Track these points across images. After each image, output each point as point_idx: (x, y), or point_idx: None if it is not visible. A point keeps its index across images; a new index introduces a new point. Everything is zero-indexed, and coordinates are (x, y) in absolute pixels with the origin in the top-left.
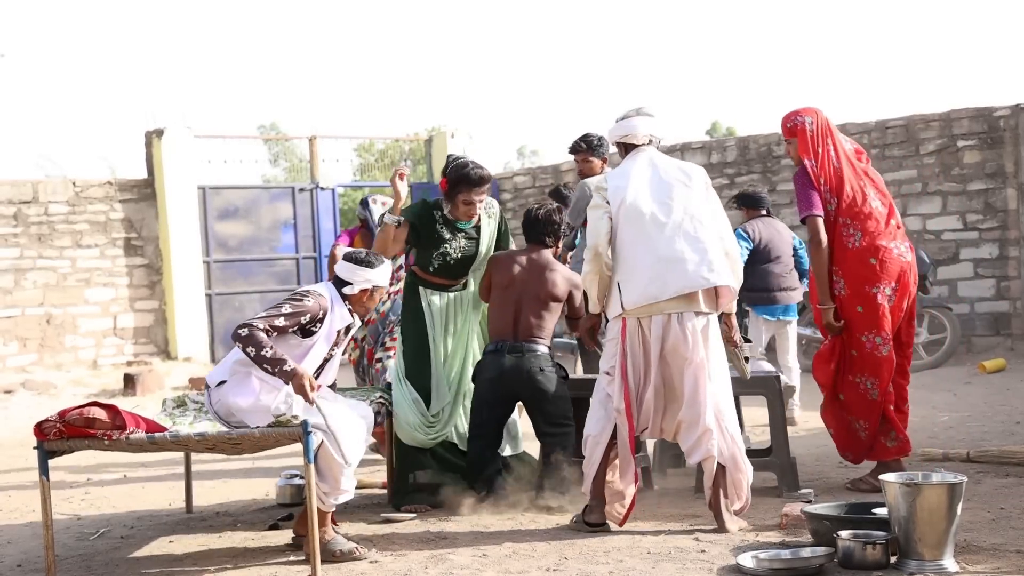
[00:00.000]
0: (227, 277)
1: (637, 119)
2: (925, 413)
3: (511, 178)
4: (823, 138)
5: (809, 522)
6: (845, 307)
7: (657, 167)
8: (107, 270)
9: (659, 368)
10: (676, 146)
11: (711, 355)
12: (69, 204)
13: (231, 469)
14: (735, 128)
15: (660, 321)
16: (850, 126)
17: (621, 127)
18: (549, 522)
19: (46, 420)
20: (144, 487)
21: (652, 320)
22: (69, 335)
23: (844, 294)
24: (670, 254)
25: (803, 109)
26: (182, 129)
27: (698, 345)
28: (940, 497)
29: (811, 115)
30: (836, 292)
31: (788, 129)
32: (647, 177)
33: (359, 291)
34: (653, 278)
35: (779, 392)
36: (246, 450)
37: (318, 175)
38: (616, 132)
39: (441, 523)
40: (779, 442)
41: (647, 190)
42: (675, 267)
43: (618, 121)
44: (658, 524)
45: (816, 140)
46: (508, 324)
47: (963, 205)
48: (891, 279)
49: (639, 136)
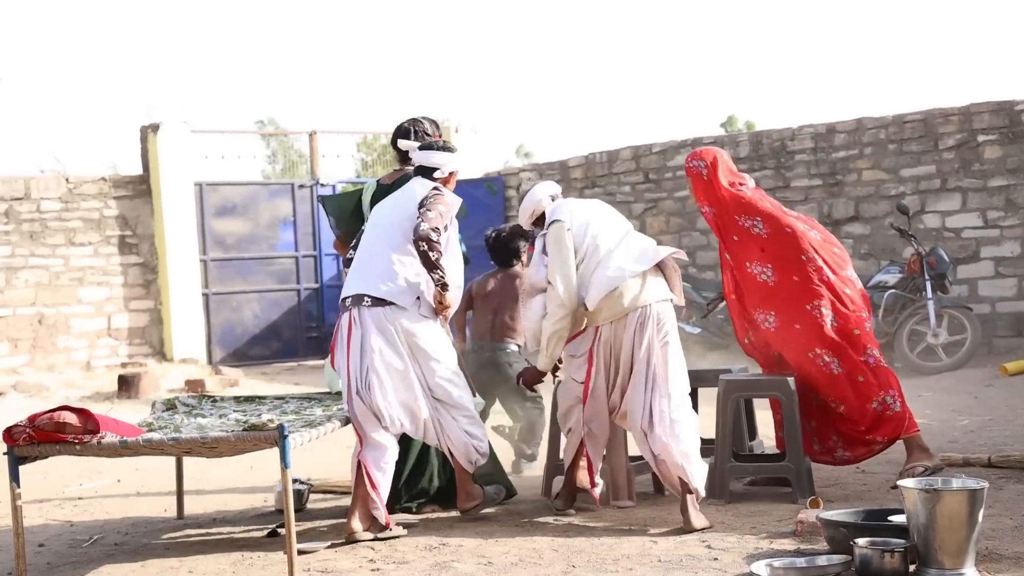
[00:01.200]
0: (224, 276)
1: (537, 190)
2: (945, 417)
3: (517, 174)
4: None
5: (825, 529)
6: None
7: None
8: (101, 269)
9: (629, 365)
10: (687, 141)
11: (656, 350)
12: (62, 201)
13: (228, 474)
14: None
15: (633, 316)
16: (867, 120)
17: (528, 203)
18: (557, 529)
19: (16, 425)
20: (139, 492)
21: (627, 318)
22: (62, 336)
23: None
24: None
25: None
26: (178, 124)
27: (646, 343)
28: (961, 503)
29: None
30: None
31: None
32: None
33: (448, 173)
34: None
35: (793, 393)
36: (224, 453)
37: (318, 171)
38: (524, 213)
39: (446, 529)
40: (793, 446)
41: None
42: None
43: (525, 199)
44: (669, 531)
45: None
46: (487, 327)
47: (983, 202)
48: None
49: (539, 211)
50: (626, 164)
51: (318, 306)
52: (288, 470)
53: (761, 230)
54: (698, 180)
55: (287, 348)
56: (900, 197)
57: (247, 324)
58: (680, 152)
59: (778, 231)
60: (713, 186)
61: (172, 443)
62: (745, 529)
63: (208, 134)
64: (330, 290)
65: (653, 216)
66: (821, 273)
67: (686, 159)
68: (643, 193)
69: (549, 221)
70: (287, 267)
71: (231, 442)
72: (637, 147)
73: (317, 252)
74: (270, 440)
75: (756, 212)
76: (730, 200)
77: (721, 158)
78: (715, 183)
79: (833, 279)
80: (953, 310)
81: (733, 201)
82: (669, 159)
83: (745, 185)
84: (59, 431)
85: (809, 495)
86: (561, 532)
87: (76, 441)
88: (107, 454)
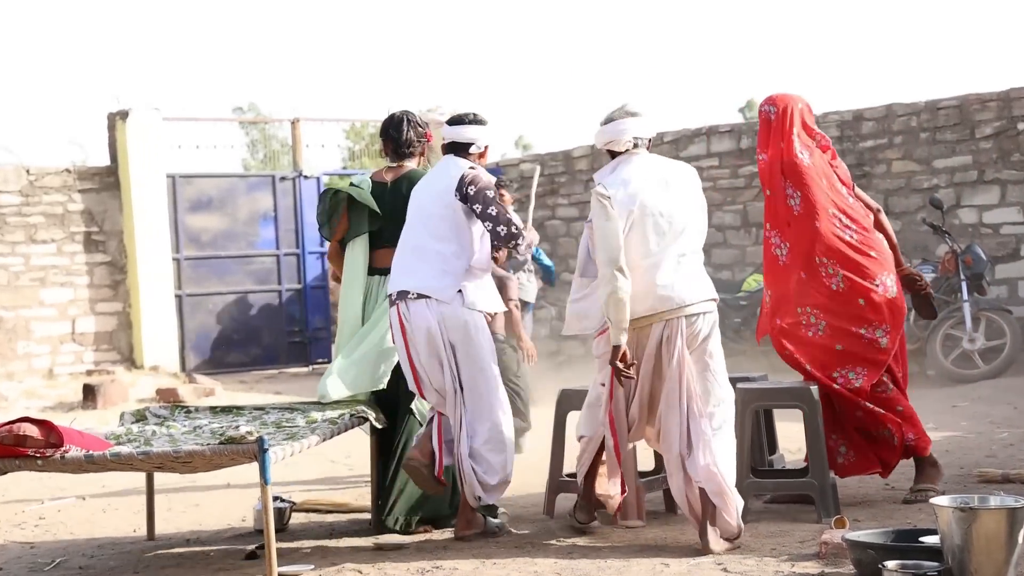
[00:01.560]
0: (199, 276)
1: (624, 122)
2: (982, 428)
3: (517, 165)
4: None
5: (851, 551)
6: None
7: (653, 171)
8: (65, 268)
9: (649, 377)
10: (702, 129)
11: (689, 365)
12: (22, 194)
13: (203, 491)
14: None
15: (658, 329)
16: (897, 107)
17: (607, 132)
18: (560, 551)
19: None
20: (105, 511)
21: (652, 329)
22: (22, 341)
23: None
24: (662, 274)
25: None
26: (149, 111)
27: (676, 358)
28: (999, 523)
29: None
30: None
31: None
32: (647, 183)
33: (484, 148)
34: (644, 295)
35: (816, 403)
36: (198, 468)
37: (301, 162)
38: (602, 138)
39: (440, 551)
40: (817, 461)
41: (650, 197)
42: (664, 288)
43: (603, 124)
44: (682, 553)
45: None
46: None
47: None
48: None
49: (622, 143)
50: None
51: (301, 308)
52: (268, 486)
53: (796, 205)
54: (764, 125)
55: (267, 354)
56: (933, 190)
57: (224, 328)
58: (694, 142)
59: (806, 217)
60: (776, 136)
61: (142, 457)
62: (765, 551)
63: (182, 122)
64: (314, 291)
65: None
66: (831, 281)
67: (761, 102)
68: None
69: (595, 185)
70: (267, 266)
71: (206, 456)
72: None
73: (300, 250)
74: (248, 454)
75: (800, 185)
76: (785, 159)
77: (796, 108)
78: (780, 133)
79: (840, 289)
80: (991, 313)
81: (788, 162)
82: (682, 149)
83: (814, 150)
84: (19, 444)
85: (834, 514)
86: (565, 554)
87: (38, 455)
88: (71, 469)
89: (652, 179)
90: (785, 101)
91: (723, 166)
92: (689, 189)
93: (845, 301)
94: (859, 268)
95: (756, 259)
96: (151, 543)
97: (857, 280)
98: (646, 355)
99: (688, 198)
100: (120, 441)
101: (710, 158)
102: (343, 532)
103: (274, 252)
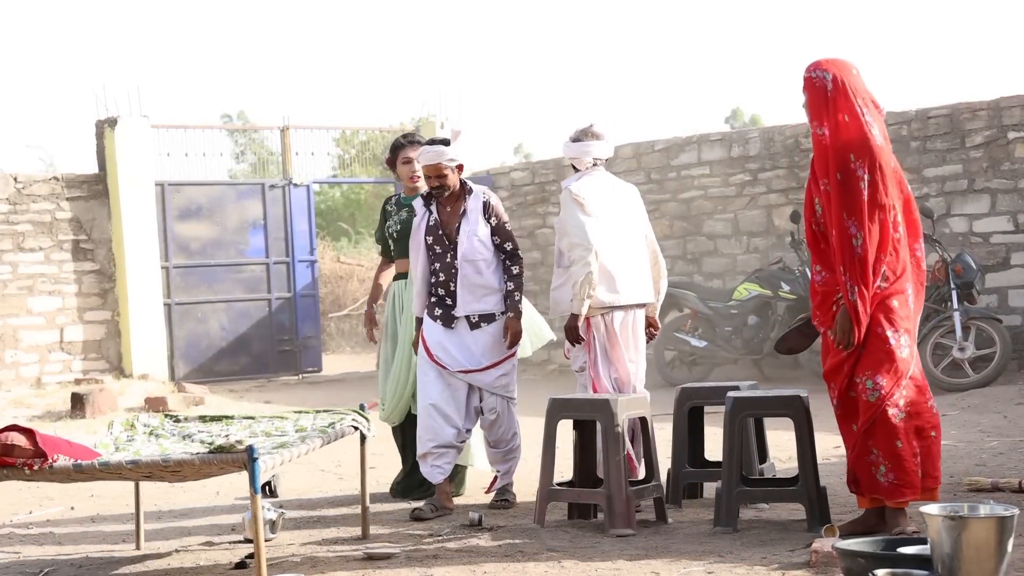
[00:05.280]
0: (188, 284)
1: (589, 144)
2: (972, 438)
3: (508, 174)
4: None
5: (842, 560)
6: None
7: (614, 186)
8: (53, 276)
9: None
10: (692, 138)
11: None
12: (10, 202)
13: (192, 500)
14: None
15: (619, 315)
16: (888, 115)
17: (573, 149)
18: (551, 559)
19: None
20: (95, 520)
21: (613, 315)
22: (9, 349)
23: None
24: (629, 264)
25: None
26: (138, 118)
27: (638, 338)
28: (989, 532)
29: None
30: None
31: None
32: (609, 193)
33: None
34: (610, 286)
35: (805, 411)
36: (188, 477)
37: (291, 170)
38: (569, 152)
39: (430, 560)
40: (807, 469)
41: (612, 204)
42: (631, 276)
43: (572, 141)
44: (673, 561)
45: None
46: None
47: (1014, 204)
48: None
49: (584, 162)
50: (627, 163)
51: (291, 317)
52: (258, 495)
53: (865, 186)
54: (819, 94)
55: (257, 363)
56: (924, 199)
57: (213, 337)
58: (684, 150)
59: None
60: (835, 105)
61: (131, 466)
62: (755, 560)
63: (170, 129)
64: (303, 299)
65: (655, 220)
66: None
67: (807, 68)
68: (645, 195)
69: (566, 190)
70: (257, 274)
71: (195, 465)
72: (638, 144)
73: (290, 258)
74: (238, 463)
75: (874, 166)
76: (855, 132)
77: (851, 73)
78: (839, 103)
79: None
80: (981, 322)
81: (857, 134)
82: (672, 157)
83: (867, 119)
84: (6, 454)
85: (824, 522)
86: (556, 562)
87: (25, 465)
88: (59, 479)
89: (607, 192)
90: (839, 65)
91: (714, 174)
92: (634, 203)
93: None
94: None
95: (747, 268)
96: (139, 553)
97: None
98: (610, 335)
99: (633, 210)
100: (108, 450)
101: (701, 166)
102: (333, 541)
103: (264, 260)
